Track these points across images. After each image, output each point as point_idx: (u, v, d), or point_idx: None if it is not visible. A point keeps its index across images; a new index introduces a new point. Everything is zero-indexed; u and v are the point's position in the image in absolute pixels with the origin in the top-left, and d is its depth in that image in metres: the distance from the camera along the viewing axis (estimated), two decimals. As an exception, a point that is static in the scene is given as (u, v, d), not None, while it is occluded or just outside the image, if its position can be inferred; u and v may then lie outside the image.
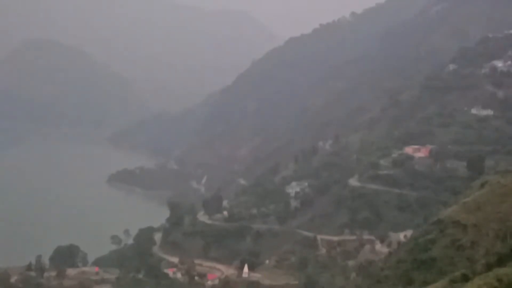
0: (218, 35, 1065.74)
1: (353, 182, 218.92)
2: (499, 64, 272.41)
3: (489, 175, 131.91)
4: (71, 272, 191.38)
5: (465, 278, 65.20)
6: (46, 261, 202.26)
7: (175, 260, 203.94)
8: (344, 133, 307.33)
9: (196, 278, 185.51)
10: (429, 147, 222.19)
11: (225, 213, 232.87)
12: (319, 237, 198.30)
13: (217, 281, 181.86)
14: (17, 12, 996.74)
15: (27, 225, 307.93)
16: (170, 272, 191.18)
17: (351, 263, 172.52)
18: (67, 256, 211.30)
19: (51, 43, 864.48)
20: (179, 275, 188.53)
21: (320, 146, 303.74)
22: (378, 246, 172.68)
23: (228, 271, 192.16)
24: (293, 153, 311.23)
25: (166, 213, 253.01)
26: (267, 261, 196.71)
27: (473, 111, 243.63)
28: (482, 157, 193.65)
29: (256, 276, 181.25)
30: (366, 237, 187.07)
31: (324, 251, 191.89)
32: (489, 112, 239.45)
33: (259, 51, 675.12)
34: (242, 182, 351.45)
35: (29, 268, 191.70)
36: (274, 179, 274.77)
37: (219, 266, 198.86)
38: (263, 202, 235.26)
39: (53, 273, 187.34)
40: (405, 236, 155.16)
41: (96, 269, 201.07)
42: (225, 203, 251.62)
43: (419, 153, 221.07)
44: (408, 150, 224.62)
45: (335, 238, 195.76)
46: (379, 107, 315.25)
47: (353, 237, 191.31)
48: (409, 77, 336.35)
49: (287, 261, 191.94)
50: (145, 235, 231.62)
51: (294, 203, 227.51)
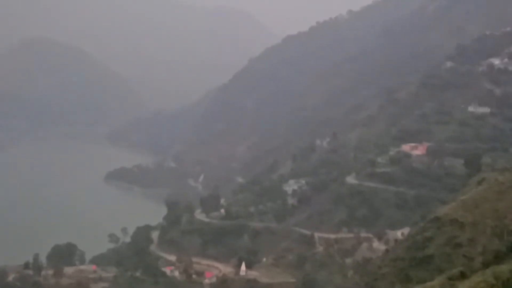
0: (216, 33, 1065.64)
1: (351, 179, 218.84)
2: (496, 62, 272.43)
3: (486, 172, 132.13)
4: (68, 270, 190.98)
5: (463, 276, 65.21)
6: (43, 260, 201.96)
7: (172, 258, 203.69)
8: (342, 130, 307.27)
9: (194, 276, 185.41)
10: (426, 144, 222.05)
11: (222, 211, 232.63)
12: (316, 235, 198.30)
13: (214, 279, 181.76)
14: (15, 10, 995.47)
15: (25, 224, 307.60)
16: (167, 270, 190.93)
17: (348, 261, 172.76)
18: (65, 254, 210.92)
19: (49, 41, 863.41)
20: (176, 273, 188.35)
21: (317, 144, 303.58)
22: (376, 244, 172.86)
23: (225, 269, 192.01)
24: (291, 151, 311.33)
25: (163, 211, 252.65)
26: (264, 259, 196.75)
27: (470, 109, 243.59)
28: (479, 154, 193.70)
29: (254, 274, 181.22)
30: (363, 234, 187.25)
31: (321, 249, 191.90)
32: (486, 109, 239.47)
33: (256, 49, 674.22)
34: (239, 180, 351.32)
35: (26, 266, 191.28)
36: (272, 177, 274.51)
37: (216, 264, 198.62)
38: (260, 200, 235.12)
39: (51, 272, 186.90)
40: (402, 234, 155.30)
41: (93, 267, 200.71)
42: (222, 201, 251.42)
43: (416, 150, 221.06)
44: (406, 147, 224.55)
45: (333, 236, 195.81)
46: (376, 105, 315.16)
47: (351, 235, 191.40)
48: (406, 74, 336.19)
49: (284, 259, 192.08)
50: (142, 233, 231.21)
51: (291, 201, 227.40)
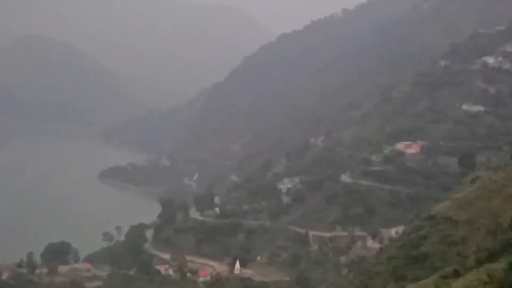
0: (211, 31, 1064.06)
1: (345, 178, 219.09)
2: (490, 60, 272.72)
3: (480, 171, 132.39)
4: (62, 269, 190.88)
5: (456, 274, 65.23)
6: (37, 258, 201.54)
7: (167, 256, 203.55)
8: (336, 129, 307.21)
9: (188, 274, 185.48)
10: (420, 143, 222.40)
11: (217, 209, 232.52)
12: (311, 233, 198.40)
13: (209, 278, 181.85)
14: (9, 8, 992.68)
15: (18, 222, 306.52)
16: (162, 268, 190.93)
17: (342, 259, 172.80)
18: (59, 253, 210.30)
19: (44, 39, 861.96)
20: (171, 272, 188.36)
21: (312, 142, 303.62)
22: (370, 242, 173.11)
23: (220, 267, 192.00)
24: (285, 149, 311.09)
25: (158, 209, 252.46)
26: (259, 258, 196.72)
27: (465, 107, 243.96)
28: (474, 153, 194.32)
29: (248, 272, 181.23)
30: (358, 233, 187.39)
31: (316, 247, 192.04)
32: (480, 108, 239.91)
33: (251, 47, 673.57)
34: (234, 178, 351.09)
35: (20, 265, 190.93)
36: (266, 175, 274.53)
37: (211, 263, 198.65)
38: (255, 198, 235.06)
39: (45, 270, 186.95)
40: (396, 232, 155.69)
41: (87, 266, 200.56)
42: (217, 199, 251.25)
43: (410, 149, 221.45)
44: (400, 146, 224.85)
45: (327, 234, 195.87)
46: (371, 103, 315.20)
47: (345, 233, 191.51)
48: (401, 73, 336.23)
49: (279, 258, 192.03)
50: (137, 231, 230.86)
51: (286, 199, 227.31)
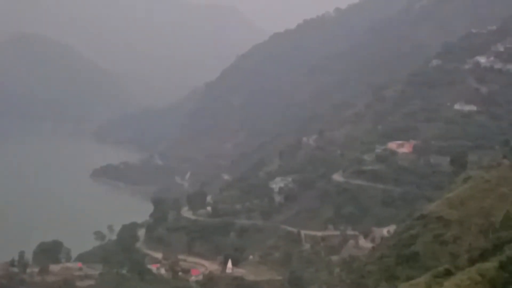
0: (204, 29, 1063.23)
1: (337, 177, 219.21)
2: (482, 60, 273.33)
3: (472, 170, 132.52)
4: (54, 268, 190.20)
5: (448, 273, 65.21)
6: (29, 257, 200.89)
7: (158, 255, 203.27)
8: (329, 128, 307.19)
9: (180, 273, 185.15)
10: (412, 142, 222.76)
11: (209, 208, 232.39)
12: (303, 232, 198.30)
13: (201, 277, 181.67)
14: (2, 6, 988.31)
15: (10, 221, 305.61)
16: (153, 267, 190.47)
17: (335, 258, 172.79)
18: (50, 252, 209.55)
19: (37, 37, 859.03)
20: (162, 271, 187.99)
21: (304, 141, 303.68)
22: (362, 241, 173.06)
23: (212, 266, 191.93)
24: (278, 148, 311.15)
25: (150, 208, 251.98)
26: (251, 257, 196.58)
27: (457, 107, 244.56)
28: (466, 152, 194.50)
29: (240, 271, 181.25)
30: (350, 232, 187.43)
31: (308, 246, 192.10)
32: (472, 107, 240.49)
33: (244, 46, 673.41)
34: (226, 177, 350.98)
35: (12, 264, 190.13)
36: (259, 174, 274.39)
37: (203, 262, 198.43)
38: (247, 197, 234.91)
39: (36, 269, 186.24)
40: (388, 232, 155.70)
41: (79, 265, 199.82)
42: (209, 198, 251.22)
43: (402, 148, 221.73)
44: (392, 145, 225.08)
45: (319, 234, 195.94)
46: (363, 102, 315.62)
47: (337, 233, 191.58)
48: (393, 72, 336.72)
49: (271, 257, 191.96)
50: (128, 230, 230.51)
51: (278, 198, 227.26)
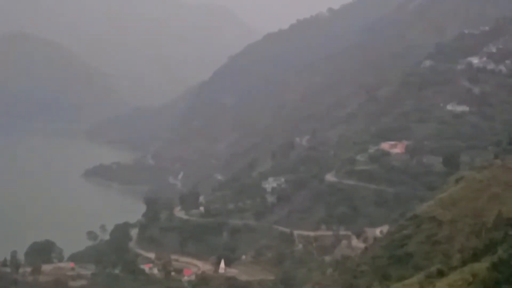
0: (197, 29, 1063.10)
1: (330, 177, 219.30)
2: (475, 61, 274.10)
3: (464, 170, 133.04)
4: (46, 268, 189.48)
5: (441, 273, 65.52)
6: (21, 257, 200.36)
7: (151, 255, 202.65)
8: (322, 128, 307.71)
9: (173, 273, 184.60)
10: (405, 143, 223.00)
11: (201, 208, 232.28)
12: (295, 232, 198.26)
13: (193, 277, 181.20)
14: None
15: (2, 221, 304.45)
16: (146, 267, 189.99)
17: (327, 258, 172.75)
18: (43, 252, 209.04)
19: (28, 37, 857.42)
20: (155, 271, 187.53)
21: (297, 141, 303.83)
22: (355, 242, 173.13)
23: (204, 266, 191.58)
24: (270, 148, 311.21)
25: (142, 208, 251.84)
26: (243, 257, 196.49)
27: (449, 107, 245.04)
28: (458, 152, 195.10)
29: (233, 271, 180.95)
30: (342, 232, 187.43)
31: (300, 246, 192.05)
32: (465, 108, 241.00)
33: (237, 46, 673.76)
34: (219, 177, 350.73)
35: (4, 264, 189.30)
36: (251, 174, 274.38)
37: (195, 262, 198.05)
38: (240, 197, 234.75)
39: (28, 269, 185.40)
40: (381, 232, 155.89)
41: (71, 264, 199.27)
42: (201, 198, 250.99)
43: (395, 149, 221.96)
44: (385, 146, 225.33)
45: (312, 234, 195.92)
46: (356, 102, 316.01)
47: (330, 233, 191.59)
48: (386, 72, 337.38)
49: (263, 257, 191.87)
50: (121, 230, 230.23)
51: (271, 199, 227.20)
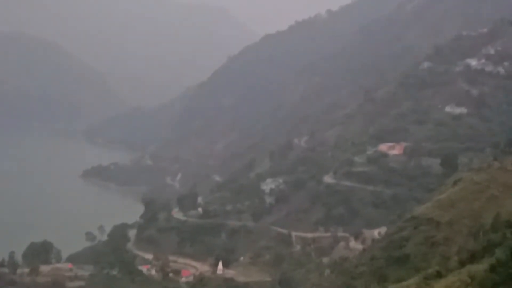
0: (195, 30, 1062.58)
1: (328, 179, 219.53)
2: (473, 62, 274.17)
3: (462, 172, 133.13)
4: (44, 268, 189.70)
5: (439, 275, 65.50)
6: (19, 258, 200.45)
7: (149, 256, 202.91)
8: (320, 129, 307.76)
9: (171, 274, 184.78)
10: (403, 144, 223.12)
11: (199, 209, 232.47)
12: (293, 233, 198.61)
13: (191, 278, 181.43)
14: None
15: (0, 221, 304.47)
16: (144, 268, 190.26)
17: (325, 259, 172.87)
18: (41, 252, 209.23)
19: (26, 36, 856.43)
20: (153, 272, 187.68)
21: (295, 142, 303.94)
22: (353, 243, 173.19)
23: (202, 267, 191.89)
24: (268, 148, 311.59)
25: (140, 209, 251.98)
26: (241, 258, 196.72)
27: (447, 109, 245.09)
28: (456, 154, 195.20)
29: (231, 272, 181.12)
30: (340, 234, 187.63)
31: (298, 247, 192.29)
32: (463, 109, 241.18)
33: (235, 47, 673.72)
34: (217, 178, 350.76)
35: (2, 264, 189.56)
36: (250, 175, 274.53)
37: (193, 263, 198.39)
38: (238, 198, 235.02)
39: (26, 270, 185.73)
40: (379, 233, 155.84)
41: (69, 265, 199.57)
42: (200, 199, 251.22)
43: (393, 150, 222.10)
44: (383, 147, 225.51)
45: (310, 235, 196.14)
46: (354, 104, 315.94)
47: (328, 234, 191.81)
48: (384, 73, 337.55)
49: (261, 258, 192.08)
50: (119, 231, 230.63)
51: (269, 200, 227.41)
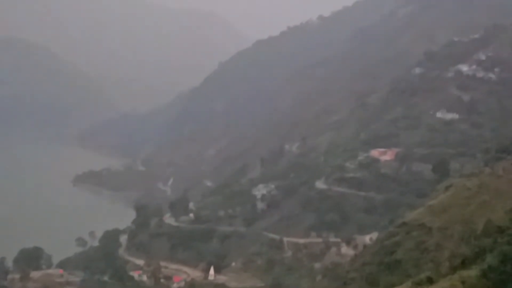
0: (188, 35, 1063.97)
1: (320, 184, 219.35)
2: (464, 68, 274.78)
3: (454, 178, 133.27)
4: (35, 274, 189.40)
5: (430, 280, 65.53)
6: (9, 263, 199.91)
7: (141, 262, 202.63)
8: (312, 134, 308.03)
9: (162, 280, 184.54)
10: (395, 150, 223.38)
11: (191, 215, 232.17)
12: (285, 239, 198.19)
13: (183, 284, 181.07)
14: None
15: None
16: (135, 274, 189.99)
17: (317, 265, 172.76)
18: (32, 258, 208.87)
19: (17, 41, 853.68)
20: (145, 278, 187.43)
21: (287, 148, 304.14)
22: (344, 249, 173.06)
23: (194, 273, 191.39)
24: (260, 154, 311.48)
25: (132, 214, 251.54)
26: (233, 263, 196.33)
27: (439, 115, 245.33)
28: (448, 160, 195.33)
29: (222, 278, 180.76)
30: (332, 239, 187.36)
31: (290, 253, 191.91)
32: (454, 115, 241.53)
33: (227, 52, 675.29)
34: (209, 183, 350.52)
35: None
36: (241, 180, 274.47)
37: (185, 269, 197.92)
38: (229, 204, 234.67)
39: (17, 276, 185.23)
40: (371, 239, 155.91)
41: (60, 271, 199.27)
42: (191, 205, 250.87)
43: (385, 156, 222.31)
44: (374, 153, 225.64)
45: (302, 241, 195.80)
46: (346, 109, 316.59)
47: (319, 240, 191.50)
48: (376, 79, 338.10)
49: (253, 264, 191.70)
50: (111, 237, 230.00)
51: (260, 205, 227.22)
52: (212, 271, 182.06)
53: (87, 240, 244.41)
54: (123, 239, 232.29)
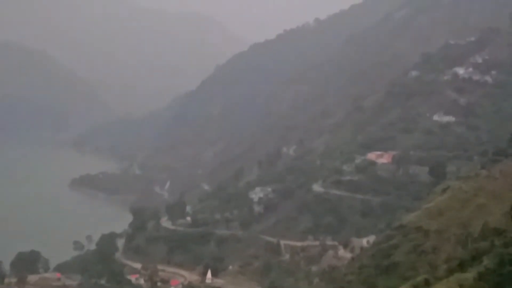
0: (184, 39, 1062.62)
1: (317, 187, 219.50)
2: (460, 71, 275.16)
3: (450, 180, 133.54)
4: (32, 278, 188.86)
5: (427, 283, 65.72)
6: (6, 267, 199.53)
7: (138, 266, 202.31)
8: (308, 137, 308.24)
9: (159, 284, 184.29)
10: (391, 153, 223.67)
11: (188, 218, 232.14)
12: (282, 242, 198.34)
13: (180, 287, 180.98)
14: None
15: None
16: (133, 278, 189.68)
17: (314, 268, 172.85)
18: (28, 262, 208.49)
19: (14, 45, 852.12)
20: (142, 281, 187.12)
21: (284, 151, 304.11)
22: (341, 252, 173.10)
23: (191, 276, 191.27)
24: (257, 157, 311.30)
25: (129, 218, 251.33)
26: (230, 267, 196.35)
27: (435, 117, 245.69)
28: (444, 163, 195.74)
29: (219, 281, 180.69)
30: (329, 242, 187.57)
31: (287, 256, 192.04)
32: (450, 118, 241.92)
33: (223, 55, 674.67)
34: (205, 187, 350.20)
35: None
36: (238, 184, 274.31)
37: (182, 272, 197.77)
38: (226, 207, 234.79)
39: (14, 280, 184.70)
40: (368, 242, 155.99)
41: (58, 275, 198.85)
42: (188, 208, 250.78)
43: (381, 159, 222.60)
44: (371, 156, 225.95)
45: (299, 244, 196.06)
46: (342, 112, 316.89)
47: (316, 243, 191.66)
48: (372, 82, 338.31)
49: (250, 267, 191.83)
50: (107, 240, 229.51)
51: (257, 208, 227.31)
52: (209, 274, 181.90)
53: (84, 243, 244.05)
54: (120, 242, 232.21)
